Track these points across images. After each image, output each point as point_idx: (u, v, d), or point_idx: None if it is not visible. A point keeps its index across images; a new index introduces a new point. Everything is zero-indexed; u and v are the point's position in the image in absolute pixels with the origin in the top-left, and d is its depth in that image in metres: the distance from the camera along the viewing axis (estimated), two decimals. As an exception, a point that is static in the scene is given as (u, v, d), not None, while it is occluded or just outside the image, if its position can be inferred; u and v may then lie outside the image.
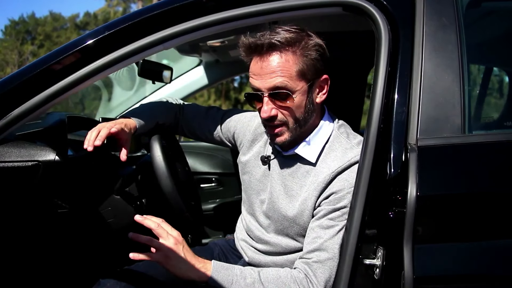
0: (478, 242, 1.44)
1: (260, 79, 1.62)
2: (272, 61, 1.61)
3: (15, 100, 1.60)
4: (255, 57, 1.64)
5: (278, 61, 1.61)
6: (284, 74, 1.61)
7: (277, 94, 1.62)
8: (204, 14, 1.67)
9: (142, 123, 1.94)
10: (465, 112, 1.49)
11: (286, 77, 1.61)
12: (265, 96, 1.63)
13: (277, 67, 1.60)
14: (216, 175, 3.63)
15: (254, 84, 1.64)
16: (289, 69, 1.61)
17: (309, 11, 1.69)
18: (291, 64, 1.61)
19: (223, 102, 27.15)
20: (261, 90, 1.63)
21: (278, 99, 1.63)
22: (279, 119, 1.66)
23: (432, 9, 1.58)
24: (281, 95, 1.62)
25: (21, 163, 1.62)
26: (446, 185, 1.45)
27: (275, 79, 1.60)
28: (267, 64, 1.61)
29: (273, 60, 1.61)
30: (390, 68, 1.56)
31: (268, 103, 1.64)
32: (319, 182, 1.66)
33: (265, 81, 1.62)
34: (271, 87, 1.61)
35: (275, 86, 1.61)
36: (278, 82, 1.60)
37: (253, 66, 1.65)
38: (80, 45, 1.62)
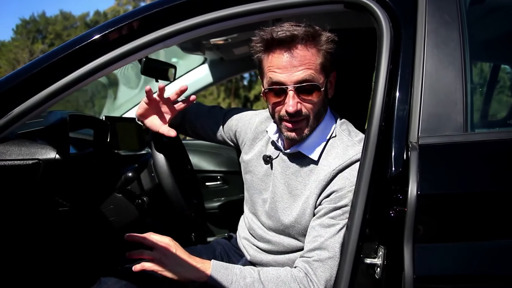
0: (479, 242, 1.42)
1: (285, 72, 1.61)
2: (299, 53, 1.61)
3: (15, 98, 1.60)
4: (277, 50, 1.62)
5: (304, 54, 1.61)
6: (311, 67, 1.61)
7: (303, 88, 1.61)
8: (206, 11, 1.66)
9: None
10: (467, 110, 1.48)
11: (313, 70, 1.61)
12: (291, 90, 1.61)
13: (304, 60, 1.60)
14: (221, 173, 3.63)
15: (279, 78, 1.62)
16: (314, 62, 1.62)
17: (311, 9, 1.68)
18: (315, 57, 1.62)
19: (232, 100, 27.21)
20: (285, 84, 1.61)
21: (304, 93, 1.62)
22: (303, 114, 1.65)
23: (434, 6, 1.57)
24: (308, 89, 1.62)
25: (22, 162, 1.62)
26: (447, 184, 1.44)
27: (303, 72, 1.60)
28: (294, 57, 1.60)
29: (299, 53, 1.61)
30: (392, 65, 1.54)
31: (294, 97, 1.62)
32: (320, 180, 1.65)
33: (292, 74, 1.60)
34: (298, 80, 1.60)
35: (303, 79, 1.60)
36: (306, 75, 1.60)
37: (275, 60, 1.63)
38: (79, 44, 1.62)
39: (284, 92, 1.62)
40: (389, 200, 1.45)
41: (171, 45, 1.74)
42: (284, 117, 1.67)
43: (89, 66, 1.62)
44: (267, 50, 1.66)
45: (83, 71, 1.62)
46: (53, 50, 1.66)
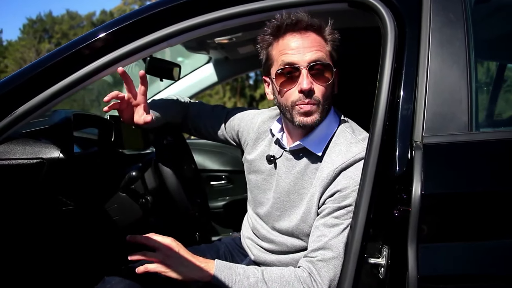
0: (484, 242, 1.41)
1: (298, 52, 1.63)
2: (311, 37, 1.65)
3: (19, 98, 1.60)
4: (288, 34, 1.66)
5: (316, 38, 1.66)
6: (323, 49, 1.66)
7: (316, 68, 1.64)
8: (209, 10, 1.66)
9: (158, 116, 1.93)
10: (472, 109, 1.47)
11: (324, 53, 1.65)
12: (304, 69, 1.63)
13: (315, 42, 1.65)
14: (225, 173, 3.64)
15: (291, 59, 1.64)
16: (324, 47, 1.67)
17: (316, 7, 1.68)
18: (324, 44, 1.67)
19: (238, 100, 27.22)
20: (298, 64, 1.63)
21: (317, 74, 1.64)
22: (314, 97, 1.65)
23: (439, 5, 1.56)
24: (320, 69, 1.64)
25: (25, 161, 1.63)
26: (451, 184, 1.43)
27: (316, 53, 1.64)
28: (305, 40, 1.65)
29: (311, 36, 1.66)
30: (396, 64, 1.54)
31: (307, 76, 1.63)
32: (323, 178, 1.65)
33: (305, 54, 1.63)
34: (312, 59, 1.63)
35: (317, 58, 1.63)
36: (319, 55, 1.64)
37: (287, 42, 1.66)
38: (81, 44, 1.62)
39: (297, 71, 1.64)
40: (393, 199, 1.44)
41: (175, 44, 1.74)
42: (297, 101, 1.66)
43: (93, 65, 1.63)
44: (276, 36, 1.69)
45: (87, 70, 1.62)
46: (57, 49, 1.66)
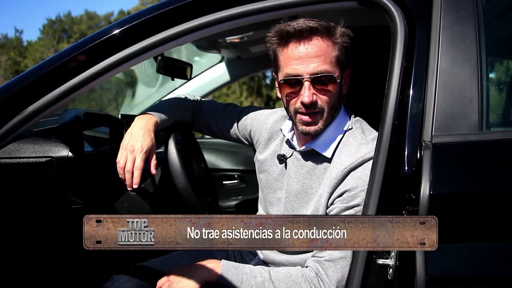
0: (493, 243, 1.38)
1: (301, 63, 1.62)
2: (315, 45, 1.62)
3: (30, 96, 1.61)
4: (293, 42, 1.64)
5: (320, 45, 1.62)
6: (327, 59, 1.62)
7: (319, 79, 1.62)
8: (219, 9, 1.65)
9: (163, 119, 1.93)
10: (483, 109, 1.45)
11: (328, 63, 1.63)
12: (307, 80, 1.62)
13: (320, 51, 1.62)
14: (238, 172, 3.62)
15: (294, 70, 1.63)
16: (330, 54, 1.63)
17: (326, 6, 1.68)
18: (331, 49, 1.64)
19: (254, 99, 27.22)
20: (301, 75, 1.62)
21: (320, 84, 1.63)
22: (318, 106, 1.65)
23: (450, 2, 1.54)
24: (323, 80, 1.62)
25: (35, 159, 1.64)
26: (461, 184, 1.41)
27: (319, 64, 1.61)
28: (310, 49, 1.62)
29: (315, 44, 1.62)
30: (406, 63, 1.52)
31: (309, 87, 1.62)
32: (332, 178, 1.64)
33: (308, 65, 1.61)
34: (314, 72, 1.61)
35: (319, 70, 1.61)
36: (322, 66, 1.61)
37: (291, 52, 1.64)
38: (90, 44, 1.63)
39: (300, 83, 1.63)
40: (402, 199, 1.42)
41: (184, 43, 1.74)
42: (299, 110, 1.66)
43: (100, 66, 1.63)
44: (282, 43, 1.67)
45: (97, 69, 1.63)
46: (66, 48, 1.67)
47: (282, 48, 1.67)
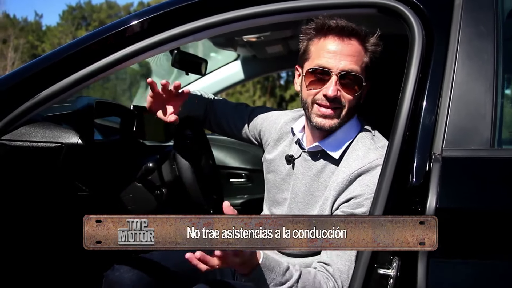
0: (496, 262, 1.38)
1: (334, 58, 1.63)
2: (352, 45, 1.64)
3: (44, 81, 1.63)
4: (330, 35, 1.65)
5: (356, 47, 1.64)
6: (358, 61, 1.64)
7: (347, 77, 1.63)
8: (239, 7, 1.66)
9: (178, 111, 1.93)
10: (496, 125, 1.43)
11: (359, 65, 1.64)
12: (335, 75, 1.63)
13: (354, 52, 1.64)
14: (246, 171, 3.62)
15: (326, 62, 1.63)
16: (362, 58, 1.65)
17: (344, 11, 1.67)
18: (363, 55, 1.66)
19: (267, 99, 27.23)
20: (331, 69, 1.63)
21: (346, 83, 1.64)
22: (339, 102, 1.66)
23: (470, 16, 1.53)
24: (350, 79, 1.64)
25: (45, 144, 1.66)
26: (468, 199, 1.40)
27: (351, 63, 1.63)
28: (345, 47, 1.63)
29: (352, 44, 1.64)
30: (421, 74, 1.51)
31: (336, 83, 1.63)
32: (339, 182, 1.63)
33: (340, 61, 1.62)
34: (345, 69, 1.62)
35: (350, 69, 1.62)
36: (353, 66, 1.63)
37: (327, 44, 1.65)
38: (108, 33, 1.64)
39: (328, 76, 1.64)
40: (408, 210, 1.42)
41: (201, 39, 1.75)
42: (318, 101, 1.67)
43: (119, 54, 1.64)
44: (319, 35, 1.68)
45: (112, 59, 1.64)
46: (84, 36, 1.69)
47: (318, 39, 1.68)
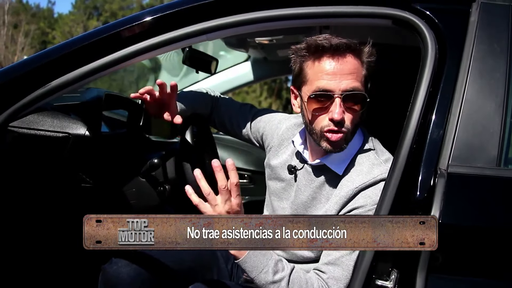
0: (495, 281, 1.38)
1: (334, 79, 1.57)
2: (349, 62, 1.58)
3: (56, 71, 1.63)
4: (327, 57, 1.59)
5: (353, 62, 1.59)
6: (358, 76, 1.59)
7: (351, 96, 1.58)
8: (255, 9, 1.65)
9: (183, 108, 1.94)
10: (503, 145, 1.43)
11: (360, 81, 1.59)
12: (338, 97, 1.57)
13: (353, 69, 1.58)
14: (249, 172, 3.62)
15: (327, 85, 1.58)
16: (361, 73, 1.60)
17: (359, 20, 1.66)
18: (362, 68, 1.61)
19: (274, 101, 27.19)
20: (333, 91, 1.57)
21: (350, 102, 1.59)
22: (346, 124, 1.60)
23: (484, 33, 1.52)
24: (354, 98, 1.58)
25: (52, 133, 1.66)
26: (471, 217, 1.40)
27: (353, 81, 1.57)
28: (344, 65, 1.57)
29: (349, 61, 1.58)
30: (432, 88, 1.51)
31: (341, 105, 1.57)
32: (341, 196, 1.63)
33: (341, 81, 1.56)
34: (347, 88, 1.57)
35: (352, 87, 1.57)
36: (355, 84, 1.57)
37: (323, 66, 1.59)
38: (120, 28, 1.64)
39: (330, 99, 1.58)
40: None
41: (214, 39, 1.75)
42: (326, 128, 1.61)
43: (131, 49, 1.64)
44: (313, 57, 1.62)
45: (125, 53, 1.64)
46: (98, 28, 1.69)
47: (313, 61, 1.62)
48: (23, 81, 1.63)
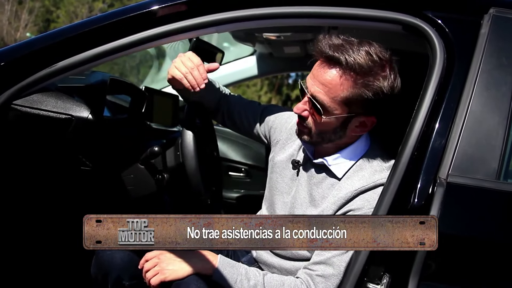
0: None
1: (312, 80, 1.63)
2: (329, 74, 1.57)
3: (63, 52, 1.63)
4: (322, 60, 1.61)
5: (334, 78, 1.57)
6: (331, 93, 1.58)
7: (312, 102, 1.62)
8: (265, 5, 1.65)
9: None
10: (504, 158, 1.44)
11: (330, 97, 1.58)
12: (307, 96, 1.64)
13: (328, 83, 1.57)
14: (246, 166, 3.62)
15: (308, 81, 1.65)
16: (337, 91, 1.57)
17: (369, 23, 1.66)
18: (343, 88, 1.57)
19: (274, 96, 27.16)
20: (307, 88, 1.64)
21: (313, 108, 1.63)
22: (306, 122, 1.67)
23: (494, 46, 1.52)
24: (316, 107, 1.61)
25: (55, 114, 1.66)
26: (466, 227, 1.41)
27: (320, 92, 1.59)
28: (324, 74, 1.58)
29: (330, 74, 1.57)
30: (437, 97, 1.51)
31: (305, 103, 1.65)
32: (340, 197, 1.64)
33: (313, 86, 1.61)
34: (312, 94, 1.61)
35: (316, 97, 1.60)
36: (321, 96, 1.59)
37: (316, 66, 1.64)
38: (129, 14, 1.64)
39: (304, 94, 1.66)
40: None
41: (223, 31, 1.74)
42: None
43: (140, 36, 1.64)
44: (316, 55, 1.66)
45: (133, 39, 1.64)
46: (108, 13, 1.68)
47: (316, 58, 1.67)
48: (31, 59, 1.63)
